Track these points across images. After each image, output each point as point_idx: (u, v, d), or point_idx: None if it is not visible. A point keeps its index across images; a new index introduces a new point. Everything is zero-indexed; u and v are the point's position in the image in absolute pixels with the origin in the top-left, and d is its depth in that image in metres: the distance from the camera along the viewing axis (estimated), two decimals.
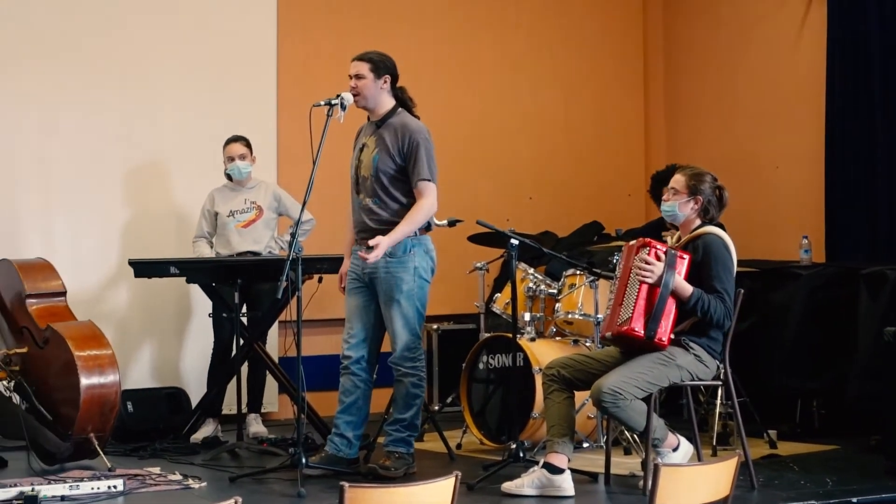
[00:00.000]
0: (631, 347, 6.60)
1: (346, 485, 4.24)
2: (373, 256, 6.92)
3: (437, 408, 8.82)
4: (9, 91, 8.80)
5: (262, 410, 8.87)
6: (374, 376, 7.40)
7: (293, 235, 6.98)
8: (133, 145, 9.13)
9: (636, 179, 10.84)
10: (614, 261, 7.82)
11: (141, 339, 9.15)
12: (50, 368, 7.52)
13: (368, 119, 7.33)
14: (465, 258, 8.76)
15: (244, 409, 8.38)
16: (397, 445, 7.21)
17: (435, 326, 9.58)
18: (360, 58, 7.22)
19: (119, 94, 9.08)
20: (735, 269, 6.70)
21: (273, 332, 8.95)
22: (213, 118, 9.21)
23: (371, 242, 6.92)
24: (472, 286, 8.74)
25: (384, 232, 7.04)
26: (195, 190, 8.95)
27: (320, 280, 8.08)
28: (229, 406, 8.58)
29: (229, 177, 8.70)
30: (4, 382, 7.64)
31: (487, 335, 8.24)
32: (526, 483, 6.59)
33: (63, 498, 6.59)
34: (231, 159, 8.60)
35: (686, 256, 6.55)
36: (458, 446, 8.05)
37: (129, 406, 8.50)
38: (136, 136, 9.14)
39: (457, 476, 4.47)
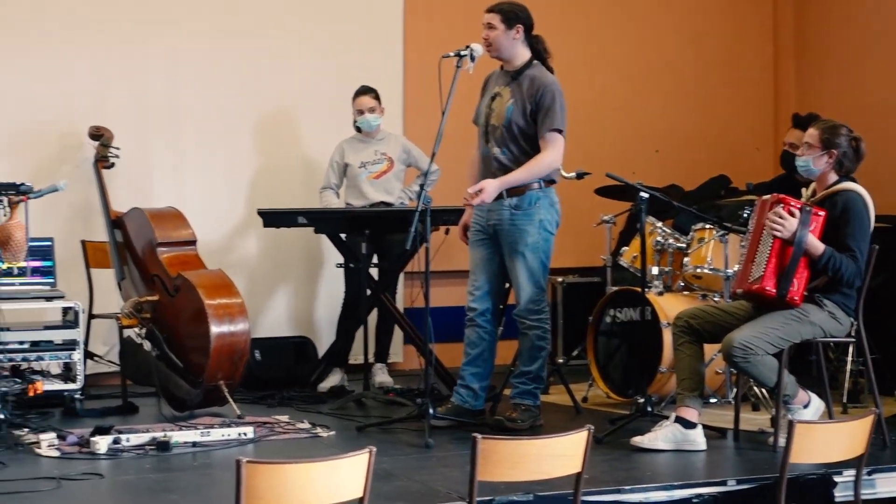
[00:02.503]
0: (763, 303, 6.52)
1: (479, 436, 4.25)
2: (477, 200, 6.89)
3: (562, 360, 8.80)
4: (139, 46, 8.90)
5: (388, 361, 8.93)
6: (501, 328, 7.40)
7: (422, 187, 6.98)
8: (262, 96, 9.21)
9: (764, 133, 10.70)
10: (745, 215, 7.72)
11: (269, 288, 9.25)
12: (180, 316, 7.62)
13: (501, 68, 7.28)
14: (591, 211, 8.72)
15: (371, 359, 8.43)
16: (524, 398, 7.20)
17: (560, 279, 9.55)
18: (491, 8, 7.17)
19: (249, 46, 9.14)
20: (872, 227, 6.57)
21: (399, 284, 8.99)
22: (340, 69, 9.24)
23: (476, 186, 6.90)
24: (598, 239, 8.69)
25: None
26: (323, 141, 9.00)
27: (447, 231, 8.08)
28: (356, 356, 8.64)
29: (358, 129, 8.73)
30: (136, 330, 7.77)
31: (614, 289, 8.18)
32: (659, 437, 6.55)
33: (194, 444, 6.68)
34: (361, 112, 8.63)
35: (822, 213, 6.43)
36: (584, 399, 8.03)
37: (257, 354, 8.58)
38: (264, 88, 9.21)
39: (589, 430, 4.46)
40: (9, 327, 7.49)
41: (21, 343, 7.74)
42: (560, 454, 4.46)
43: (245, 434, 6.82)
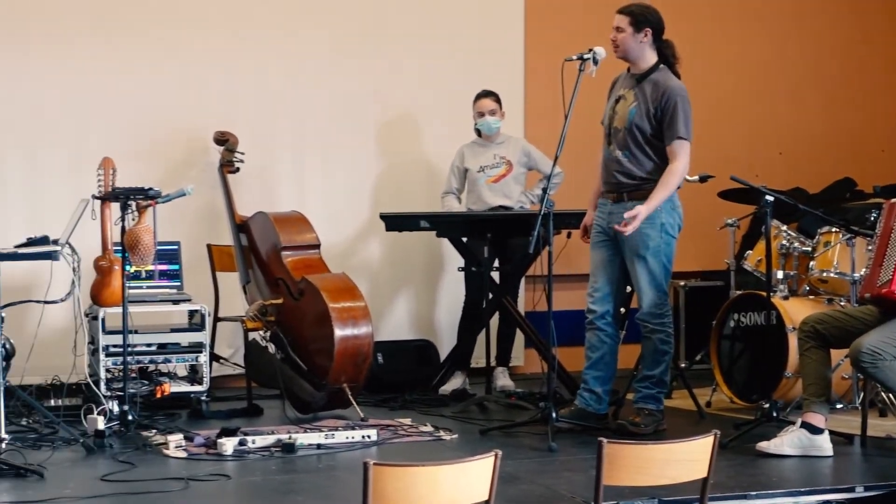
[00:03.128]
0: (891, 308, 6.41)
1: (605, 441, 4.23)
2: (630, 228, 6.86)
3: (685, 365, 8.73)
4: (264, 52, 9.01)
5: (509, 364, 8.93)
6: (623, 332, 7.37)
7: (544, 190, 6.97)
8: (384, 101, 9.26)
9: (890, 134, 10.52)
10: (872, 218, 7.59)
11: (391, 291, 9.30)
12: (305, 319, 7.69)
13: (628, 70, 7.24)
14: (714, 214, 8.63)
15: (492, 362, 8.44)
16: (647, 402, 7.16)
17: (682, 283, 9.47)
18: (622, 10, 7.13)
19: (372, 51, 9.21)
20: None
21: (520, 287, 8.98)
22: (461, 73, 9.27)
23: (628, 214, 6.86)
24: (721, 242, 8.61)
25: (630, 187, 7.02)
26: (444, 145, 9.04)
27: (569, 235, 8.06)
28: (477, 359, 8.67)
29: (479, 132, 8.75)
30: (261, 333, 7.87)
31: (738, 293, 8.10)
32: (785, 442, 6.47)
33: (319, 446, 6.74)
34: (481, 114, 8.64)
35: None
36: (708, 404, 7.96)
37: (380, 357, 8.64)
38: (386, 92, 9.25)
39: (716, 434, 4.42)
40: (137, 330, 7.62)
41: (149, 345, 7.88)
42: (686, 459, 4.42)
43: (369, 437, 6.87)
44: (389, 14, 9.29)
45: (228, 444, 6.60)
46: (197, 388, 7.89)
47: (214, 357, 8.30)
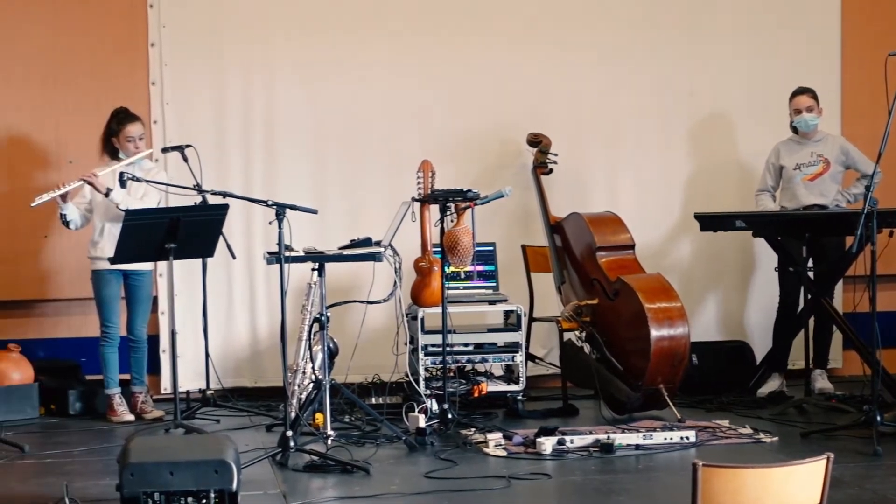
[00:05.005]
0: None
1: None
2: None
3: None
4: (575, 53, 9.05)
5: (827, 366, 8.73)
6: None
7: (867, 188, 6.77)
8: (697, 100, 9.17)
9: None
10: None
11: (703, 291, 9.20)
12: (620, 320, 7.70)
13: None
14: None
15: (811, 364, 8.25)
16: None
17: None
18: None
19: (683, 50, 9.13)
20: None
21: (838, 287, 8.75)
22: (776, 71, 9.10)
23: None
24: None
25: None
26: (758, 143, 8.89)
27: (891, 234, 7.81)
28: (794, 361, 8.49)
29: (795, 129, 8.58)
30: (576, 333, 7.91)
31: None
32: None
33: (637, 447, 6.74)
34: (798, 111, 8.47)
35: None
36: None
37: (694, 358, 8.55)
38: (700, 92, 9.17)
39: None
40: (455, 330, 7.76)
41: (466, 345, 8.01)
42: None
43: (687, 438, 6.82)
44: (701, 12, 9.19)
45: (547, 444, 6.66)
46: (513, 387, 7.99)
47: (530, 357, 8.37)
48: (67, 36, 8.60)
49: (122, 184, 7.68)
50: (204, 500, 5.27)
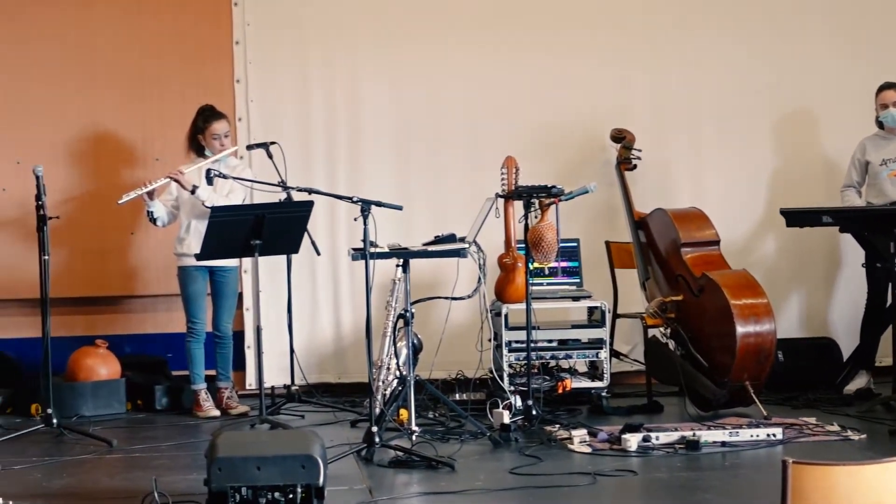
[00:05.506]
0: None
1: None
2: None
3: None
4: (658, 49, 9.02)
5: None
6: None
7: None
8: (781, 96, 9.10)
9: None
10: None
11: (789, 288, 9.12)
12: (705, 316, 7.65)
13: None
14: None
15: None
16: None
17: None
18: None
19: (766, 45, 9.07)
20: None
21: None
22: (862, 66, 9.00)
23: None
24: None
25: None
26: (843, 138, 8.80)
27: None
28: (882, 358, 8.39)
29: (881, 125, 8.47)
30: (661, 329, 7.87)
31: None
32: None
33: (723, 444, 6.68)
34: (884, 106, 8.36)
35: None
36: None
37: (780, 355, 8.47)
38: (784, 88, 9.10)
39: None
40: (538, 326, 7.75)
41: (550, 341, 8.00)
42: None
43: (774, 435, 6.76)
44: (786, 8, 9.11)
45: (632, 440, 6.63)
46: (597, 384, 7.97)
47: (614, 353, 8.34)
48: (153, 35, 8.70)
49: (209, 181, 7.75)
50: (290, 495, 5.31)
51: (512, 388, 7.70)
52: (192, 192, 7.88)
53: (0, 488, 5.75)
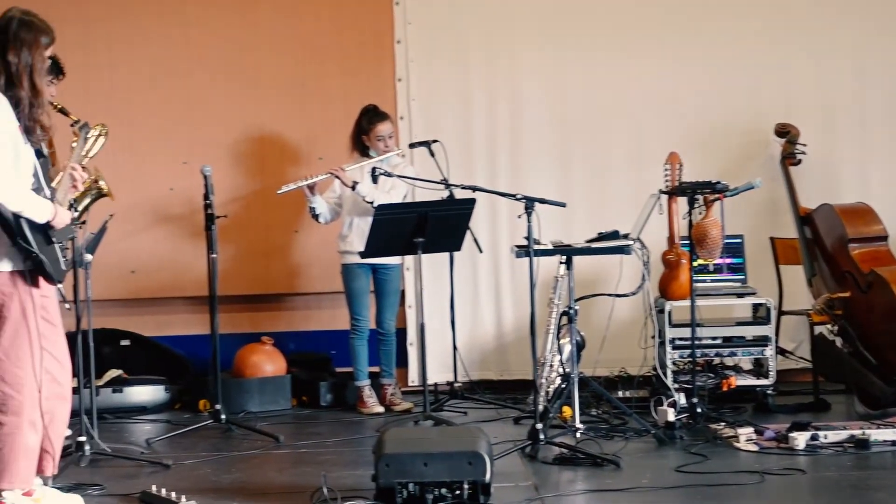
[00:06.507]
0: None
1: None
2: None
3: None
4: (820, 42, 8.86)
5: None
6: None
7: None
8: None
9: None
10: None
11: None
12: (873, 313, 7.50)
13: None
14: None
15: None
16: None
17: None
18: None
19: None
20: None
21: None
22: None
23: None
24: None
25: None
26: None
27: None
28: None
29: None
30: (828, 326, 7.74)
31: None
32: None
33: (894, 443, 6.54)
34: None
35: None
36: None
37: None
38: None
39: None
40: (702, 323, 7.67)
41: (714, 339, 7.93)
42: None
43: None
44: None
45: (800, 439, 6.53)
46: (762, 381, 7.87)
47: (780, 350, 8.23)
48: (316, 35, 8.82)
49: (374, 179, 7.82)
50: (457, 491, 5.34)
51: (676, 385, 7.64)
52: (353, 188, 7.96)
53: (172, 483, 5.87)
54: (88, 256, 6.77)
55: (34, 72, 5.30)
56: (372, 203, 7.83)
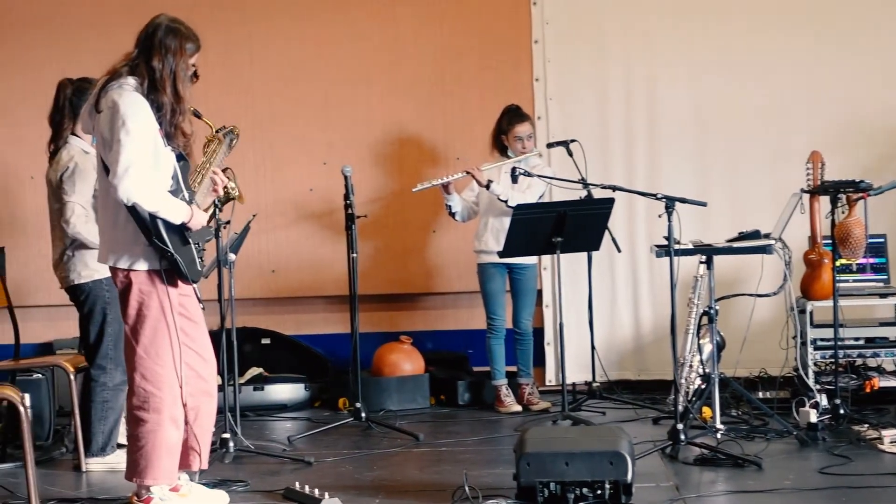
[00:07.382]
0: None
1: None
2: None
3: None
4: None
5: None
6: None
7: None
8: None
9: None
10: None
11: None
12: None
13: None
14: None
15: None
16: None
17: None
18: None
19: None
20: None
21: None
22: None
23: None
24: None
25: None
26: None
27: None
28: None
29: None
30: None
31: None
32: None
33: None
34: None
35: None
36: None
37: None
38: None
39: None
40: (844, 323, 7.56)
41: (856, 339, 7.81)
42: None
43: None
44: None
45: None
46: None
47: None
48: (454, 36, 8.86)
49: (514, 179, 7.83)
50: (598, 491, 5.33)
51: (818, 386, 7.53)
52: (487, 186, 7.99)
53: (314, 480, 5.94)
54: (232, 256, 6.90)
55: (177, 79, 5.40)
56: (506, 201, 7.87)
